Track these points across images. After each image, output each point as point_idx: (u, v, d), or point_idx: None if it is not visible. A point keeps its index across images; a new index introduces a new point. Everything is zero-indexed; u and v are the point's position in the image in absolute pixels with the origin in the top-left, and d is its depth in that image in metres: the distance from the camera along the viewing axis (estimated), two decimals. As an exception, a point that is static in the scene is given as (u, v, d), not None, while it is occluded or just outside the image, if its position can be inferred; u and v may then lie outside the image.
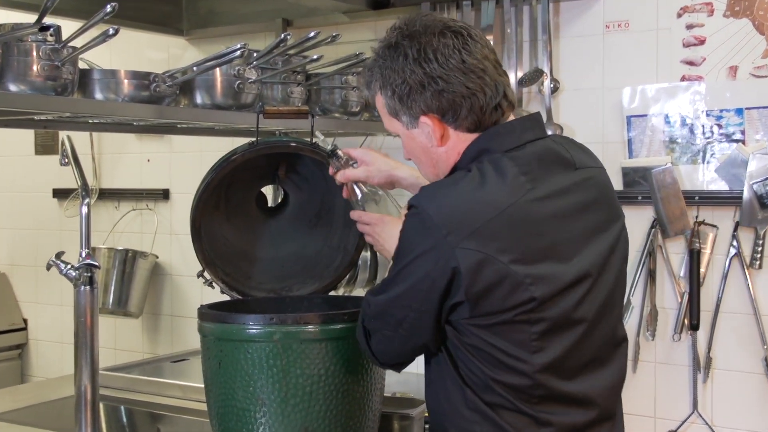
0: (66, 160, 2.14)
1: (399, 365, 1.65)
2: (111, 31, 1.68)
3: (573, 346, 1.52)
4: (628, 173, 2.72)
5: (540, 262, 1.47)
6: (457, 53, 1.54)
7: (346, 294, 2.88)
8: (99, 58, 2.71)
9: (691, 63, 2.65)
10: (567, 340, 1.51)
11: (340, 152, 1.92)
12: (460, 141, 1.59)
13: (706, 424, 2.64)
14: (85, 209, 2.05)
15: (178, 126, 2.42)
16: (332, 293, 2.25)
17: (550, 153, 1.60)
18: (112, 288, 3.40)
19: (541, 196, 1.51)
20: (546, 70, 2.79)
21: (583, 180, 1.61)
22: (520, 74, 2.82)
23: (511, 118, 1.62)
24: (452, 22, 1.57)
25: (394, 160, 1.93)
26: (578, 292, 1.52)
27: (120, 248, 3.44)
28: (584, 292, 1.53)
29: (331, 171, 1.95)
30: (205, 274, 2.11)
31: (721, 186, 2.61)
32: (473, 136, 1.58)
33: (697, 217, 2.64)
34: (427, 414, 1.76)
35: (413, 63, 1.55)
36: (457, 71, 1.54)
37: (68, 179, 3.12)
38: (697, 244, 2.62)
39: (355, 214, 1.89)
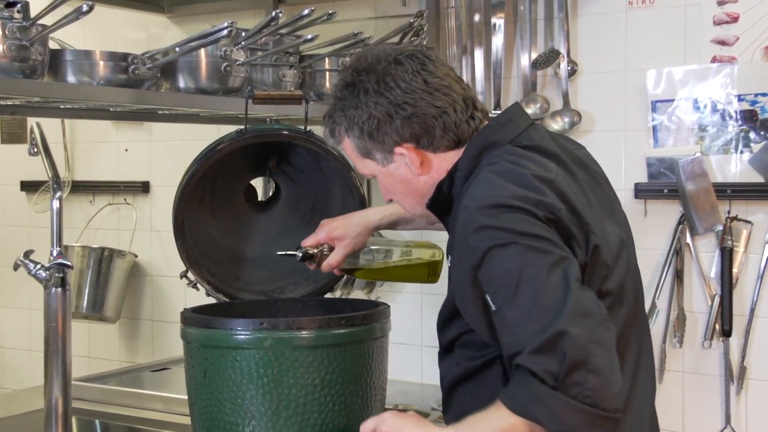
0: (35, 150, 2.13)
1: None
2: (85, 8, 1.68)
3: (623, 328, 1.57)
4: (652, 164, 2.71)
5: (600, 225, 1.58)
6: (418, 75, 1.61)
7: (343, 296, 2.88)
8: (72, 37, 2.70)
9: (722, 42, 2.65)
10: (618, 321, 1.55)
11: (309, 250, 2.00)
12: (444, 161, 1.65)
13: (739, 439, 2.65)
14: (56, 204, 2.05)
15: (159, 112, 2.41)
16: (329, 295, 2.25)
17: (552, 133, 1.70)
18: (87, 290, 3.40)
19: (569, 171, 1.62)
20: (563, 51, 2.78)
21: (585, 156, 1.75)
22: (534, 56, 2.82)
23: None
24: (404, 48, 1.67)
25: (358, 215, 2.02)
26: (622, 262, 1.60)
27: (95, 246, 3.44)
28: (625, 263, 1.62)
29: (312, 268, 2.04)
30: (189, 274, 2.12)
31: (755, 178, 2.61)
32: (458, 151, 1.64)
33: (729, 212, 2.64)
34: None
35: (375, 95, 1.61)
36: (422, 93, 1.61)
37: (38, 171, 3.11)
38: (730, 242, 2.62)
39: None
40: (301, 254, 1.99)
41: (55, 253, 2.02)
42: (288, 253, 2.01)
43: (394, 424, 1.57)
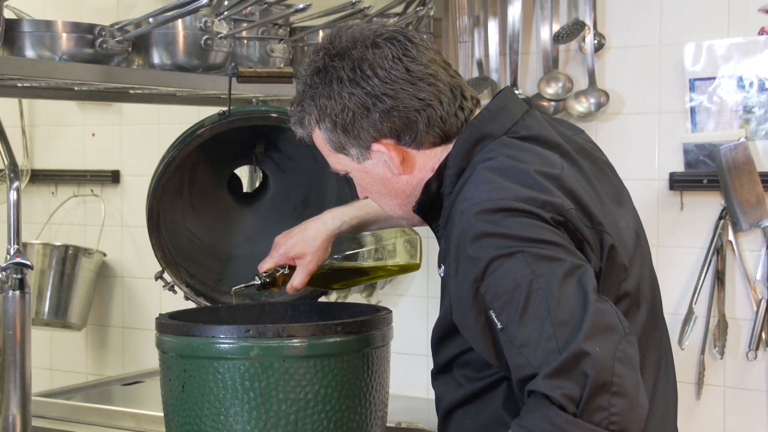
0: (-10, 134, 2.14)
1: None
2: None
3: (642, 332, 1.58)
4: (690, 151, 2.72)
5: (614, 222, 1.58)
6: (399, 62, 1.59)
7: (339, 301, 2.88)
8: (30, 5, 2.70)
9: (770, 13, 2.65)
10: (637, 325, 1.56)
11: (266, 277, 1.98)
12: (429, 158, 1.64)
13: (788, 462, 2.65)
14: (13, 195, 2.05)
15: (131, 92, 2.41)
16: (322, 299, 2.25)
17: (549, 119, 1.70)
18: (49, 293, 3.40)
19: (574, 162, 1.62)
20: (588, 22, 2.78)
21: (587, 142, 1.75)
22: (555, 28, 2.82)
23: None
24: (383, 29, 1.63)
25: (314, 225, 1.99)
26: (638, 259, 1.60)
27: (58, 244, 3.44)
28: (640, 260, 1.62)
29: (278, 292, 2.04)
30: (165, 275, 2.12)
31: (807, 167, 2.61)
32: (446, 147, 1.63)
33: (777, 205, 2.64)
34: None
35: (350, 84, 1.60)
36: (403, 83, 1.59)
37: (-7, 158, 3.12)
38: (777, 240, 2.62)
39: None
40: (260, 281, 1.98)
41: (12, 252, 2.03)
42: (245, 285, 2.00)
43: None
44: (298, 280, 1.98)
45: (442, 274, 1.59)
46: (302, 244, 1.98)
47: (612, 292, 1.53)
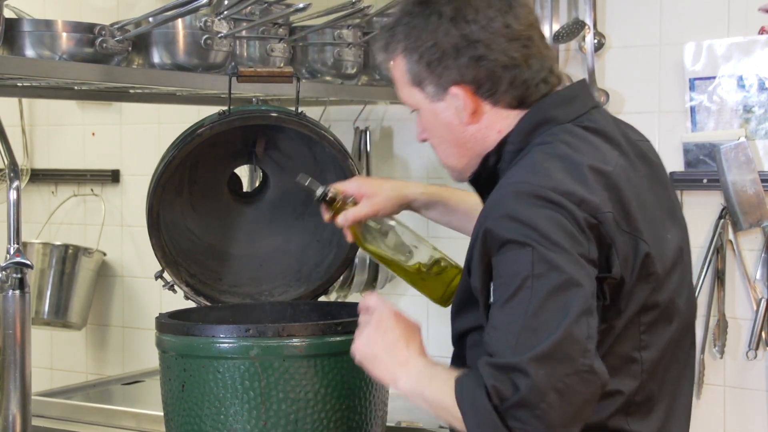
0: (-10, 134, 2.14)
1: None
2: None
3: (666, 346, 1.59)
4: (690, 150, 2.71)
5: (656, 232, 1.58)
6: (501, 16, 1.59)
7: (339, 300, 2.88)
8: (30, 5, 2.70)
9: (770, 12, 2.65)
10: (664, 338, 1.59)
11: (332, 192, 1.92)
12: (500, 118, 1.63)
13: (788, 462, 2.65)
14: (13, 194, 2.05)
15: (131, 91, 2.41)
16: (322, 299, 2.25)
17: (616, 119, 1.70)
18: (48, 293, 3.40)
19: (631, 163, 1.62)
20: (588, 22, 2.78)
21: (650, 150, 1.74)
22: (555, 27, 2.82)
23: None
24: None
25: (395, 181, 1.99)
26: (677, 273, 1.61)
27: (58, 243, 3.44)
28: (680, 274, 1.62)
29: (326, 217, 1.96)
30: (165, 275, 2.12)
31: (807, 166, 2.61)
32: (519, 112, 1.62)
33: (777, 205, 2.64)
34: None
35: (448, 23, 1.59)
36: (500, 37, 1.58)
37: (-7, 158, 3.12)
38: (777, 239, 2.62)
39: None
40: (322, 192, 1.92)
41: (12, 251, 2.03)
42: (307, 183, 1.92)
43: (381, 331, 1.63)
44: (356, 212, 1.92)
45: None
46: (377, 187, 1.95)
47: (638, 299, 1.54)
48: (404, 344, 1.62)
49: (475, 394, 1.43)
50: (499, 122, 1.63)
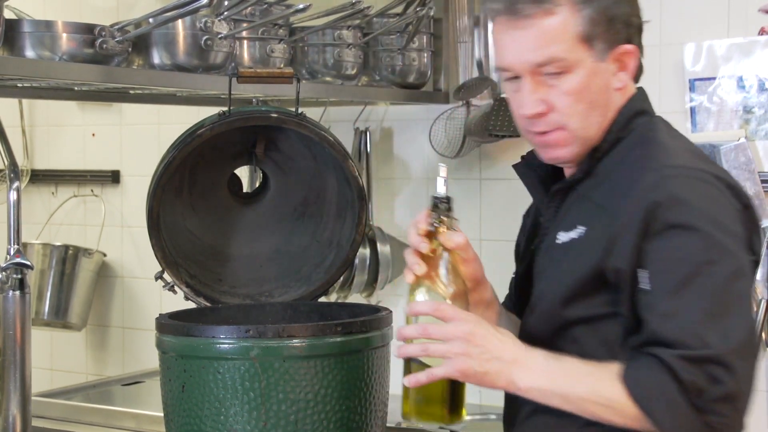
0: (-10, 135, 2.14)
1: None
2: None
3: None
4: (691, 151, 2.71)
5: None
6: None
7: (339, 301, 2.88)
8: (30, 5, 2.70)
9: (770, 13, 2.65)
10: None
11: (447, 205, 1.61)
12: (627, 91, 1.65)
13: (788, 463, 2.65)
14: (13, 195, 2.05)
15: (131, 92, 2.41)
16: (322, 299, 2.25)
17: None
18: (48, 293, 3.40)
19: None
20: (589, 22, 2.78)
21: None
22: (556, 27, 2.82)
23: None
24: None
25: None
26: None
27: (58, 244, 3.44)
28: None
29: (422, 229, 1.60)
30: (165, 276, 2.12)
31: (807, 167, 2.61)
32: (632, 90, 1.65)
33: (777, 205, 2.64)
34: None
35: None
36: (640, 19, 1.65)
37: (-7, 158, 3.12)
38: (778, 240, 2.62)
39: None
40: (445, 197, 1.60)
41: (12, 252, 2.03)
42: (440, 183, 1.61)
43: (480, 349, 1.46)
44: (459, 237, 1.59)
45: (576, 236, 1.56)
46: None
47: None
48: (508, 343, 1.50)
49: (664, 390, 1.38)
50: (626, 95, 1.64)
